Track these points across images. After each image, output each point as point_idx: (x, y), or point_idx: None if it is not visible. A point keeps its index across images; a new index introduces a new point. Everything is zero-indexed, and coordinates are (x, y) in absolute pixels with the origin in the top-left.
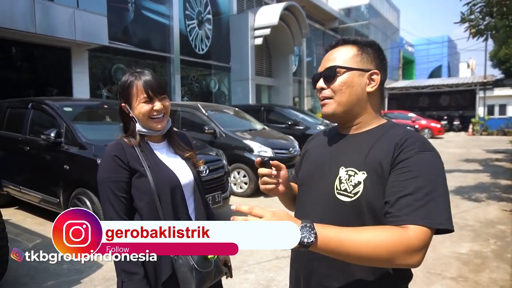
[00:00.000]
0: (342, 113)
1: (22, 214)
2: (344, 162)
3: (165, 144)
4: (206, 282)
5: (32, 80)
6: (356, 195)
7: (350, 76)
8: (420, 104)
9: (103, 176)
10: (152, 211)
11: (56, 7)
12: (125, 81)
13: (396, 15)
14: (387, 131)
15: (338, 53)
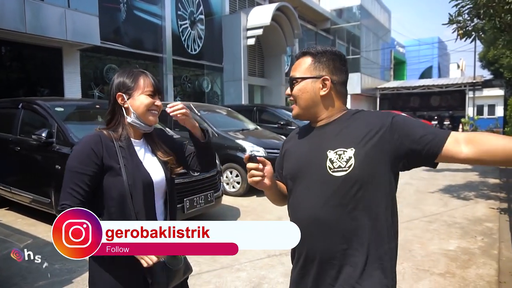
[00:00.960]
0: (304, 114)
1: (13, 215)
2: (329, 146)
3: (142, 142)
4: (176, 279)
5: (23, 80)
6: (350, 167)
7: (304, 84)
8: (411, 104)
9: (70, 164)
10: (123, 209)
11: (46, 6)
12: (129, 72)
13: (387, 16)
14: (354, 114)
15: (298, 64)
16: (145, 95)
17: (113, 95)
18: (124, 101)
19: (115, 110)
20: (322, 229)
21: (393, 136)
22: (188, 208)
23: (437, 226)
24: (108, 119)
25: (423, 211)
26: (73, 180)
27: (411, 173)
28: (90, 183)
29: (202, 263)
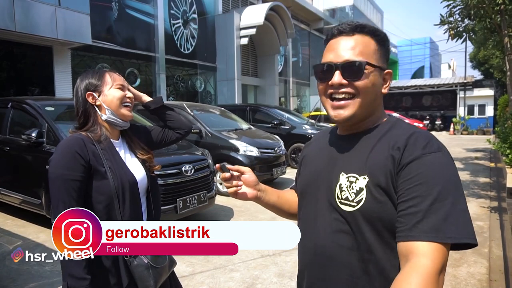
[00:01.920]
0: (361, 115)
1: (2, 216)
2: (344, 168)
3: (121, 142)
4: (163, 276)
5: (12, 79)
6: (359, 204)
7: (374, 75)
8: (404, 104)
9: (57, 173)
10: (110, 212)
11: (36, 4)
12: (94, 72)
13: (379, 17)
14: (389, 130)
15: (357, 43)
16: (115, 88)
17: (82, 96)
18: (96, 99)
19: (88, 111)
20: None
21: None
22: (181, 209)
23: None
24: (82, 121)
25: None
26: (63, 190)
27: None
28: (80, 190)
29: (196, 263)
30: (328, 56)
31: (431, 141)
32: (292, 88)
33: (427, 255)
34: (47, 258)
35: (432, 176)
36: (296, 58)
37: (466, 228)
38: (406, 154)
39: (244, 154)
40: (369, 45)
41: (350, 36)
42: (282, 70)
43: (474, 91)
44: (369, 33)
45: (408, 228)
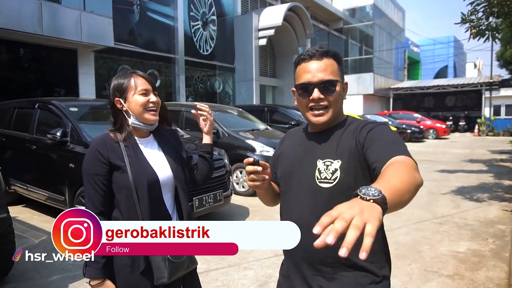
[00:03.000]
0: (333, 119)
1: (29, 212)
2: (320, 156)
3: (150, 139)
4: (179, 271)
5: (39, 80)
6: (335, 180)
7: (339, 88)
8: (426, 105)
9: (84, 167)
10: (130, 205)
11: (62, 9)
12: (121, 76)
13: (401, 16)
14: (349, 124)
15: (327, 66)
16: (138, 94)
17: (111, 100)
18: (122, 105)
19: (117, 114)
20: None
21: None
22: (197, 207)
23: (448, 227)
24: (113, 121)
25: (434, 213)
26: (87, 183)
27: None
28: (106, 181)
29: (210, 261)
30: (306, 77)
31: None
32: None
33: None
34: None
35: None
36: None
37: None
38: (363, 131)
39: (261, 154)
40: (334, 65)
41: (320, 60)
42: None
43: (501, 91)
44: (332, 56)
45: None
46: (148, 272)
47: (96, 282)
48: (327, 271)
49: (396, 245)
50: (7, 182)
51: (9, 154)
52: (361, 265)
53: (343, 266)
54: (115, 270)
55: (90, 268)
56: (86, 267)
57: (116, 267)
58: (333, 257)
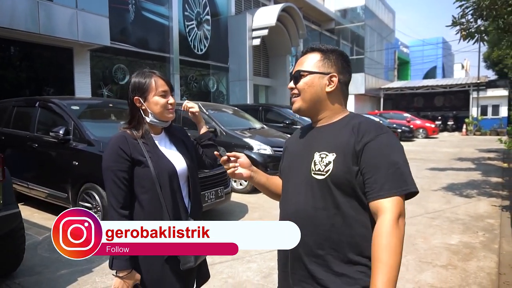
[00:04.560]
0: (306, 108)
1: (29, 210)
2: (317, 148)
3: (163, 135)
4: (202, 255)
5: (35, 79)
6: (328, 172)
7: (312, 78)
8: (415, 105)
9: (107, 165)
10: (154, 196)
11: (58, 8)
12: (142, 75)
13: (391, 17)
14: (350, 120)
15: (306, 59)
16: (159, 96)
17: (130, 98)
18: (141, 104)
19: (134, 112)
20: (303, 226)
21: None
22: None
23: (440, 222)
24: (130, 119)
25: (426, 208)
26: (112, 178)
27: (415, 171)
28: (128, 177)
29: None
30: None
31: (380, 126)
32: None
33: (388, 210)
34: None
35: (385, 152)
36: None
37: (413, 182)
38: (363, 136)
39: (258, 152)
40: (314, 58)
41: (303, 56)
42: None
43: (488, 92)
44: (317, 50)
45: (374, 191)
46: (172, 259)
47: (124, 273)
48: (321, 262)
49: None
50: None
51: (9, 152)
52: (355, 260)
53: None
54: (140, 260)
55: (118, 260)
56: (113, 259)
57: (140, 257)
58: (326, 248)
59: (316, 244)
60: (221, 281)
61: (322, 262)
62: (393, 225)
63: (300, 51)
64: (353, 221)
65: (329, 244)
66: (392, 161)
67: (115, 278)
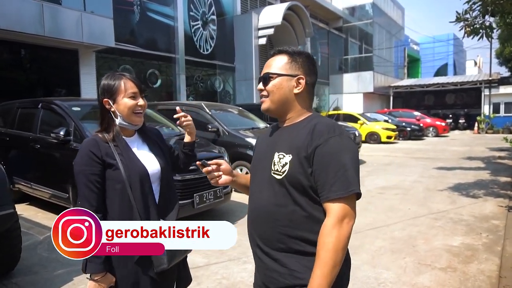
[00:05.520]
0: (275, 109)
1: (33, 210)
2: (277, 149)
3: (136, 137)
4: (177, 256)
5: (41, 81)
6: (284, 173)
7: (280, 80)
8: (426, 103)
9: (78, 169)
10: (124, 198)
11: (64, 10)
12: (111, 77)
13: (400, 14)
14: (308, 122)
15: (273, 61)
16: (128, 98)
17: (100, 100)
18: (110, 106)
19: (104, 114)
20: (264, 221)
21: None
22: (198, 203)
23: (443, 223)
24: (100, 121)
25: (430, 208)
26: (85, 182)
27: (421, 171)
28: (100, 179)
29: (211, 255)
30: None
31: (333, 128)
32: None
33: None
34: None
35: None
36: (315, 57)
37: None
38: (315, 139)
39: None
40: (281, 60)
41: (272, 57)
42: None
43: (500, 89)
44: (284, 52)
45: (323, 193)
46: (145, 261)
47: (98, 276)
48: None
49: (391, 240)
50: (11, 180)
51: (13, 153)
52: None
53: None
54: (113, 263)
55: (92, 264)
56: (87, 263)
57: (114, 260)
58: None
59: (277, 239)
60: (215, 282)
61: (282, 256)
62: (334, 227)
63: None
64: (310, 218)
65: (288, 238)
66: (340, 163)
67: (89, 281)
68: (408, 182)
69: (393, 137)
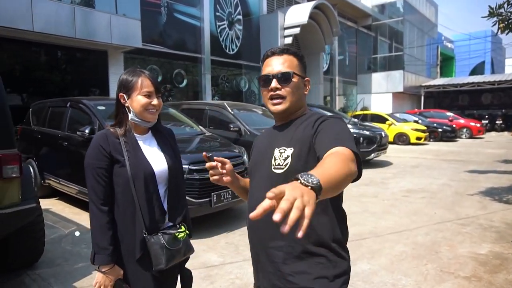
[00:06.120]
0: (291, 110)
1: (62, 204)
2: (277, 144)
3: (149, 136)
4: (176, 258)
5: (74, 81)
6: (286, 166)
7: (298, 81)
8: (460, 103)
9: (88, 162)
10: (128, 196)
11: (94, 13)
12: (131, 73)
13: (433, 10)
14: (309, 117)
15: (285, 60)
16: (142, 95)
17: (117, 95)
18: (125, 101)
19: (119, 108)
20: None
21: (315, 136)
22: (215, 202)
23: (471, 229)
24: (115, 115)
25: (457, 214)
26: (92, 174)
27: (451, 174)
28: (107, 173)
29: (226, 254)
30: (267, 70)
31: (328, 115)
32: (338, 87)
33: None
34: None
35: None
36: (342, 56)
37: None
38: (315, 123)
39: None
40: (293, 61)
41: (280, 56)
42: (327, 68)
43: None
44: (292, 53)
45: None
46: (145, 260)
47: (106, 268)
48: (282, 254)
49: (413, 245)
50: (42, 176)
51: (44, 150)
52: (314, 251)
53: (297, 253)
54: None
55: (100, 255)
56: (95, 255)
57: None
58: (286, 239)
59: (277, 236)
60: (228, 281)
61: (281, 253)
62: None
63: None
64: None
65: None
66: (338, 130)
67: (97, 273)
68: (436, 185)
69: (423, 138)
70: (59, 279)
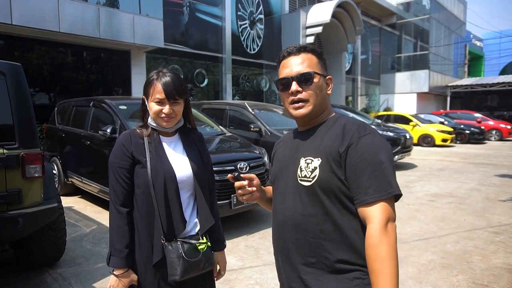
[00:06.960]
0: (314, 112)
1: (84, 203)
2: (303, 154)
3: (175, 138)
4: (193, 270)
5: (98, 81)
6: (314, 179)
7: (320, 81)
8: (488, 104)
9: (111, 160)
10: (148, 199)
11: (117, 13)
12: (148, 78)
13: (462, 8)
14: (335, 122)
15: (304, 59)
16: (154, 102)
17: (142, 96)
18: (145, 104)
19: (144, 109)
20: (292, 233)
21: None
22: (235, 204)
23: (505, 237)
24: (141, 116)
25: (489, 221)
26: (114, 174)
27: (480, 178)
28: (129, 174)
29: (246, 258)
30: (285, 72)
31: (364, 127)
32: (360, 87)
33: (374, 218)
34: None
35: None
36: (365, 55)
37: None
38: (346, 138)
39: None
40: (312, 59)
41: (297, 55)
42: (350, 68)
43: None
44: (310, 51)
45: (359, 197)
46: (162, 269)
47: (120, 272)
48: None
49: (442, 253)
50: (66, 174)
51: (68, 148)
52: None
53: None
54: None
55: (114, 258)
56: (111, 256)
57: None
58: (317, 255)
59: (307, 252)
60: (247, 286)
61: (314, 270)
62: (381, 234)
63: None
64: (343, 227)
65: (320, 251)
66: (375, 162)
67: (111, 275)
68: (464, 190)
69: (449, 140)
70: (79, 279)
